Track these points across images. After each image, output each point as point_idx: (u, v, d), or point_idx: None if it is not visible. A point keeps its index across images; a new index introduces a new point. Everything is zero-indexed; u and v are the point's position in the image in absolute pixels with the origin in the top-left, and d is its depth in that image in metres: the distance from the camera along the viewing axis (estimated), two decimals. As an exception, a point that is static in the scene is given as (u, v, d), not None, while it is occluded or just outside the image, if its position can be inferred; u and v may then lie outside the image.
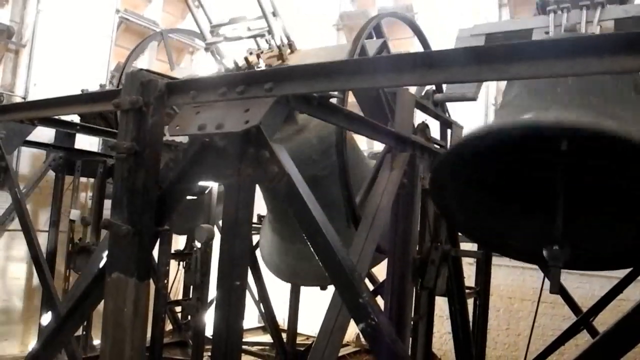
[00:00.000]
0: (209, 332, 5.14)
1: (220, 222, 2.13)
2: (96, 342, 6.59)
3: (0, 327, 7.03)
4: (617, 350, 1.48)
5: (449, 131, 3.91)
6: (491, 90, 8.23)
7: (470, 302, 4.43)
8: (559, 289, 2.40)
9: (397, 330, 2.80)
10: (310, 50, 3.88)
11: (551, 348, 5.37)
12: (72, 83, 6.57)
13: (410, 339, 3.20)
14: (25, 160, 7.17)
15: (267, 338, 7.72)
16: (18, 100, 7.07)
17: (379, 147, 8.12)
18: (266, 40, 3.61)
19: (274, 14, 3.53)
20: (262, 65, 3.62)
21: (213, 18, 3.77)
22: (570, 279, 6.32)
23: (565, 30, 3.25)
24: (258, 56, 3.64)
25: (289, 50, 3.68)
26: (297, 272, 4.56)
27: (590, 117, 2.17)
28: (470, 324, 4.06)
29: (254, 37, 3.60)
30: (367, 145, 8.97)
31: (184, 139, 3.75)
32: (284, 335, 6.31)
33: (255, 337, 8.50)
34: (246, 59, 3.62)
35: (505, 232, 2.82)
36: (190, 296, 5.75)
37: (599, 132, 1.96)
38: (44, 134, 6.05)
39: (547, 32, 3.33)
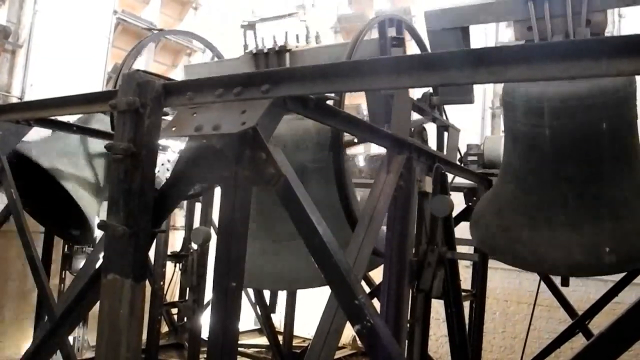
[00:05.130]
0: (205, 334, 5.13)
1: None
2: (92, 343, 6.56)
3: (-5, 329, 7.00)
4: (611, 352, 1.48)
5: (445, 134, 3.92)
6: (488, 94, 8.24)
7: (466, 305, 4.43)
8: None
9: (393, 333, 2.80)
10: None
11: (547, 351, 5.39)
12: (69, 84, 6.55)
13: (407, 341, 3.20)
14: (22, 161, 7.11)
15: (263, 340, 7.70)
16: (14, 100, 7.04)
17: (375, 149, 8.13)
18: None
19: None
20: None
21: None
22: (566, 282, 6.32)
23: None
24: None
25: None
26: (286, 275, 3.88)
27: None
28: (467, 326, 4.07)
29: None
30: (363, 148, 8.97)
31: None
32: (280, 338, 6.29)
33: (252, 339, 8.48)
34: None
35: None
36: (187, 298, 5.73)
37: None
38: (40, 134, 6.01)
39: (529, 28, 3.26)
